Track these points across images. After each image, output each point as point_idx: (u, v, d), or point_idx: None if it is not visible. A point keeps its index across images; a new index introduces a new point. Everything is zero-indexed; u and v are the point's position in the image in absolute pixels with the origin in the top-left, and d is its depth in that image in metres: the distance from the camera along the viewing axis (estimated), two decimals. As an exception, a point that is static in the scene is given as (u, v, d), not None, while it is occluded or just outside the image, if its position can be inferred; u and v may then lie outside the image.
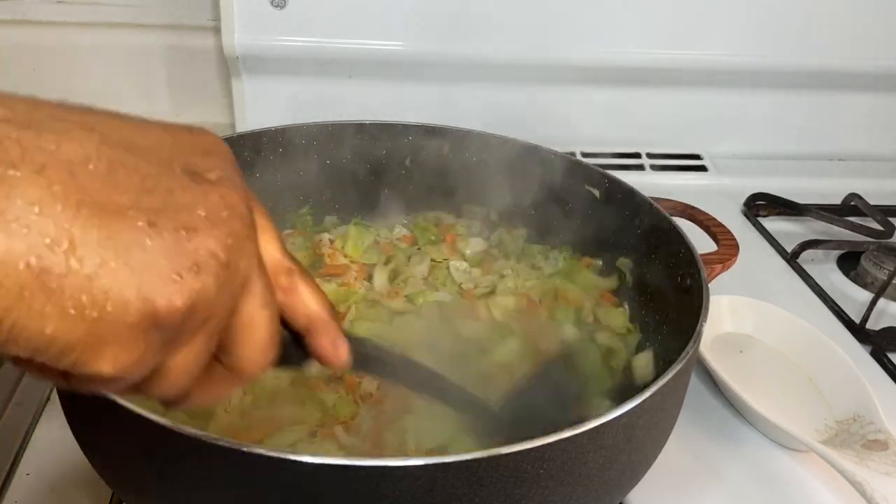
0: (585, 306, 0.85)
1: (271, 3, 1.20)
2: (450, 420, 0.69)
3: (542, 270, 0.92)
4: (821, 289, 1.07)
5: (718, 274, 0.79)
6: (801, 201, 1.25)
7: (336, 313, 0.43)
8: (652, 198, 0.82)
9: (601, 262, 0.91)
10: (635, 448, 0.57)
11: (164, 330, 0.30)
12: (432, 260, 0.93)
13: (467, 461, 0.47)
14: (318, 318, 0.41)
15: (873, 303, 1.00)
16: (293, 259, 0.41)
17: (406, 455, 0.65)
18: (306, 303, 0.40)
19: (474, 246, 0.96)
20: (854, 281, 1.11)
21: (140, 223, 0.29)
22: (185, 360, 0.33)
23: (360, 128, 0.95)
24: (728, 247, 0.81)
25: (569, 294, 0.86)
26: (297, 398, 0.70)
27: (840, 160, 1.50)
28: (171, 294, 0.29)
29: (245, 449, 0.46)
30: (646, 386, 0.54)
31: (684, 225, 0.79)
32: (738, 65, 1.35)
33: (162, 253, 0.29)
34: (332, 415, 0.69)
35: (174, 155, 0.33)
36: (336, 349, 0.43)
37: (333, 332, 0.42)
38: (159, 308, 0.29)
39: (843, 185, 1.33)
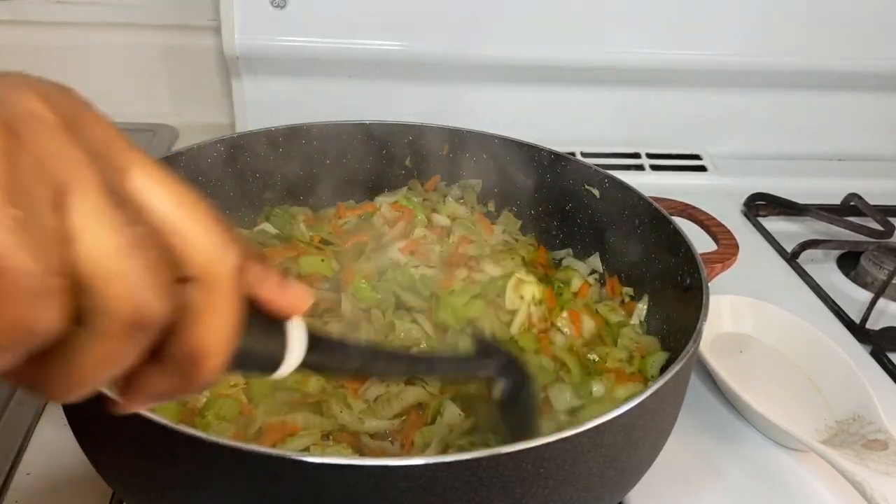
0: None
1: (271, 3, 1.20)
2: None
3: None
4: (821, 289, 1.07)
5: (718, 273, 0.79)
6: (800, 201, 1.25)
7: (261, 258, 0.34)
8: (652, 198, 0.82)
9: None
10: (635, 447, 0.57)
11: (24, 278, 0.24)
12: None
13: (467, 461, 0.47)
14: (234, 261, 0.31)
15: (873, 303, 1.00)
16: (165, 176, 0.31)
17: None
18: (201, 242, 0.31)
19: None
20: (854, 281, 1.11)
21: None
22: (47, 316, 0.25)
23: (360, 128, 0.95)
24: (728, 246, 0.81)
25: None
26: (307, 406, 0.70)
27: (840, 160, 1.50)
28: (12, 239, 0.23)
29: (245, 449, 0.46)
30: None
31: (684, 225, 0.80)
32: (738, 65, 1.35)
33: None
34: (341, 423, 0.69)
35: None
36: (286, 293, 0.34)
37: (271, 275, 0.34)
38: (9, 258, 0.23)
39: (842, 185, 1.33)
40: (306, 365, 0.39)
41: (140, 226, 0.28)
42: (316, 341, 0.39)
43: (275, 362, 0.37)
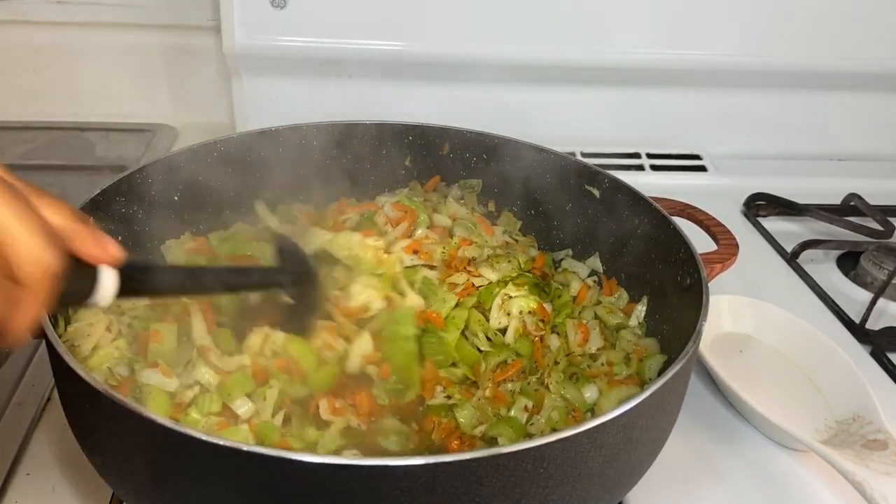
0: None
1: (271, 3, 1.20)
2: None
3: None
4: (821, 289, 1.07)
5: (718, 273, 0.79)
6: (801, 201, 1.25)
7: (86, 221, 0.46)
8: (652, 198, 0.82)
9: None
10: (635, 447, 0.57)
11: None
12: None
13: (467, 461, 0.47)
14: (66, 226, 0.44)
15: (873, 303, 1.00)
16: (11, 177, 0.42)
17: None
18: (46, 216, 0.42)
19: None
20: (854, 281, 1.12)
21: None
22: None
23: (361, 128, 0.95)
24: (728, 246, 0.81)
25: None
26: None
27: (840, 160, 1.50)
28: None
29: (245, 449, 0.46)
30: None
31: (684, 225, 0.80)
32: (738, 65, 1.35)
33: None
34: None
35: None
36: (102, 246, 0.46)
37: (92, 234, 0.46)
38: None
39: (843, 185, 1.33)
40: (125, 294, 0.50)
41: None
42: (131, 272, 0.51)
43: (84, 295, 0.48)
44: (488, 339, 0.79)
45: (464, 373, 0.75)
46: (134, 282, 0.51)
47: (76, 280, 0.46)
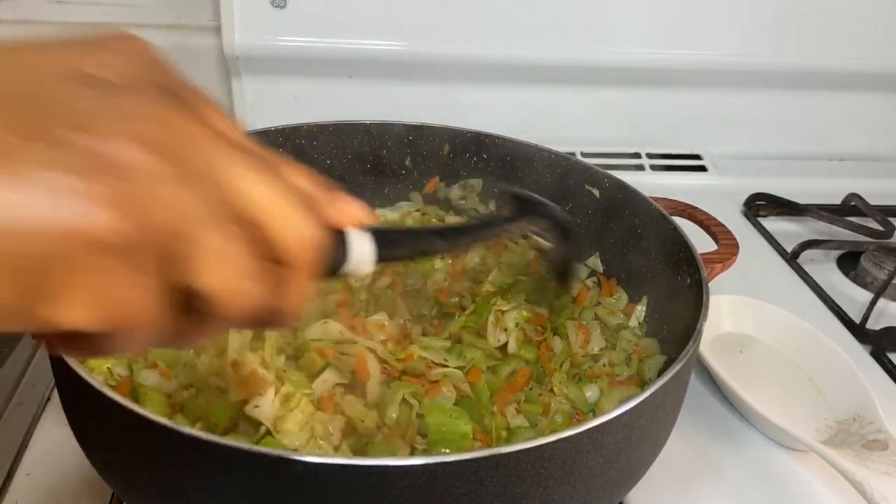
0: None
1: (271, 3, 1.20)
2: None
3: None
4: (821, 289, 1.07)
5: (718, 273, 0.79)
6: (801, 201, 1.25)
7: (330, 186, 0.40)
8: (652, 198, 0.82)
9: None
10: (635, 447, 0.57)
11: (122, 252, 0.27)
12: None
13: (467, 461, 0.47)
14: (313, 193, 0.39)
15: (873, 303, 1.00)
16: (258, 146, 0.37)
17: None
18: (297, 185, 0.37)
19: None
20: (854, 281, 1.12)
21: (35, 146, 0.25)
22: (217, 262, 0.30)
23: (360, 128, 0.95)
24: (728, 246, 0.81)
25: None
26: None
27: (840, 160, 1.50)
28: (98, 209, 0.26)
29: (245, 448, 0.46)
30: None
31: (684, 225, 0.80)
32: (738, 65, 1.35)
33: (69, 170, 0.25)
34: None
35: (63, 67, 0.29)
36: (349, 210, 0.41)
37: (338, 198, 0.40)
38: (92, 228, 0.26)
39: (843, 185, 1.33)
40: (380, 260, 0.45)
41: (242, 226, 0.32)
42: (382, 238, 0.46)
43: (337, 265, 0.43)
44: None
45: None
46: (388, 246, 0.47)
47: (330, 249, 0.43)
